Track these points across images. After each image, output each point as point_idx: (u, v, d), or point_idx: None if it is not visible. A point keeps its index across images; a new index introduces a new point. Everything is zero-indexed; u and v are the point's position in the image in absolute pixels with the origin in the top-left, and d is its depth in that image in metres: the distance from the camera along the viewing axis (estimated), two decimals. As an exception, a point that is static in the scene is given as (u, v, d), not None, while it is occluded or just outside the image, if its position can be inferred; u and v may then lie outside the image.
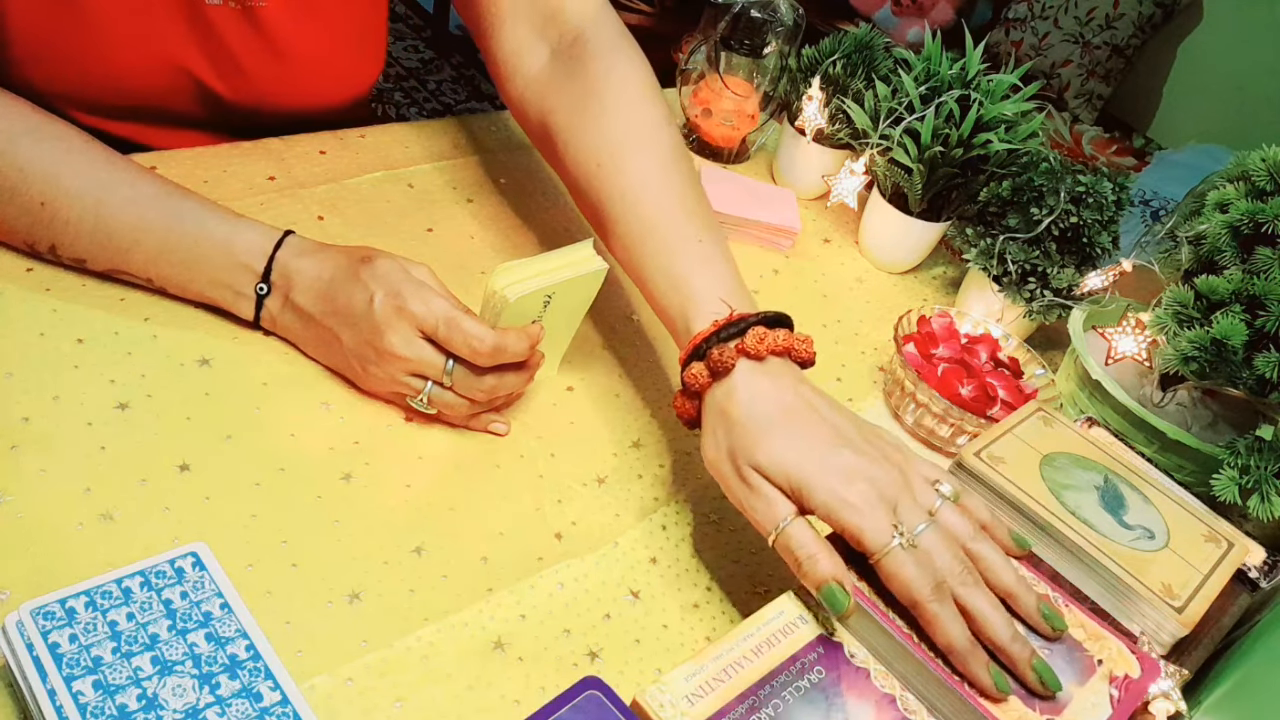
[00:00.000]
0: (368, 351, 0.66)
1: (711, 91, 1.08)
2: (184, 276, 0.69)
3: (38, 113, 0.69)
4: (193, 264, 0.69)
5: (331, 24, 0.86)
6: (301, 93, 0.88)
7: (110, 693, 0.48)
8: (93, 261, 0.69)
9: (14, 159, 0.66)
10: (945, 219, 1.01)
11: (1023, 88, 0.99)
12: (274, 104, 0.88)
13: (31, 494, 0.59)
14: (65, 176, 0.67)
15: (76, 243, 0.68)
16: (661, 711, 0.54)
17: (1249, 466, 0.71)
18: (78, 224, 0.67)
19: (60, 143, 0.68)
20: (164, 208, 0.68)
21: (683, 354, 0.64)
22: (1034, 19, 2.77)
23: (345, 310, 0.67)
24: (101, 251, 0.68)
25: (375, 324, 0.65)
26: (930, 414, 0.83)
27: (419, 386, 0.67)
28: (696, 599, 0.67)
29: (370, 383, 0.69)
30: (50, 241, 0.68)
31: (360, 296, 0.66)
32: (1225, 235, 0.78)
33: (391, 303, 0.65)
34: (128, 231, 0.67)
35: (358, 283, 0.66)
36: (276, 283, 0.69)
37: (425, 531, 0.65)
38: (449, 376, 0.66)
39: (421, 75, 3.13)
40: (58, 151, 0.67)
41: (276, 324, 0.71)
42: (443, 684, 0.57)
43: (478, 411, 0.70)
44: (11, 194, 0.66)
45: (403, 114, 2.88)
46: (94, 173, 0.67)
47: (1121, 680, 0.59)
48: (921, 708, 0.57)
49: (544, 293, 0.67)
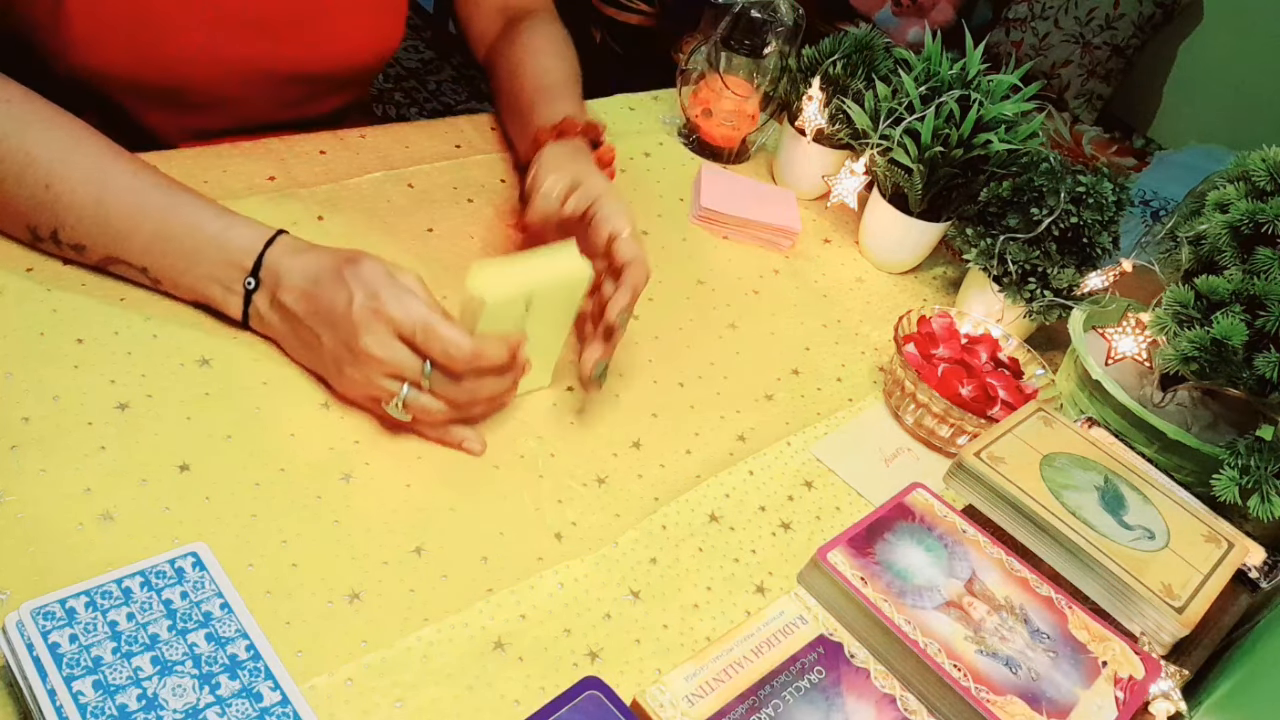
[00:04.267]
0: (344, 353, 0.67)
1: (711, 91, 1.08)
2: (177, 268, 0.70)
3: (49, 106, 0.71)
4: (186, 255, 0.69)
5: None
6: (336, 52, 0.92)
7: (110, 693, 0.48)
8: (92, 247, 0.70)
9: (22, 143, 0.68)
10: (945, 219, 1.01)
11: (1023, 88, 0.99)
12: (309, 67, 0.91)
13: (31, 494, 0.59)
14: (71, 162, 0.68)
15: (78, 227, 0.69)
16: (661, 711, 0.54)
17: (1249, 466, 0.71)
18: (80, 208, 0.68)
19: (68, 132, 0.70)
20: (162, 198, 0.69)
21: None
22: (1034, 19, 2.77)
23: (327, 311, 0.67)
24: (100, 237, 0.69)
25: (352, 325, 0.65)
26: (930, 414, 0.83)
27: (394, 389, 0.67)
28: (696, 599, 0.67)
29: (345, 385, 0.69)
30: (53, 225, 0.69)
31: (341, 297, 0.66)
32: (1225, 235, 0.78)
33: (369, 305, 0.65)
34: (126, 218, 0.69)
35: (340, 284, 0.66)
36: (265, 280, 0.69)
37: (425, 531, 0.65)
38: (426, 379, 0.66)
39: (421, 75, 3.13)
40: (65, 139, 0.69)
41: (264, 323, 0.71)
42: (443, 684, 0.57)
43: (453, 419, 0.70)
44: (19, 177, 0.68)
45: (403, 114, 2.87)
46: (98, 160, 0.69)
47: (1126, 682, 0.59)
48: (921, 708, 0.57)
49: (523, 296, 0.66)
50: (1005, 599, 0.63)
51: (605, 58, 2.75)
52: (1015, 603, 0.63)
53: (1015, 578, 0.65)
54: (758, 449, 0.79)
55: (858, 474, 0.79)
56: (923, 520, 0.68)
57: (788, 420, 0.83)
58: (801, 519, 0.75)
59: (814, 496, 0.77)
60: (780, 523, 0.74)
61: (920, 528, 0.67)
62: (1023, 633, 0.61)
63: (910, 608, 0.61)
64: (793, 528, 0.74)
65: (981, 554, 0.66)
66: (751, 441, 0.80)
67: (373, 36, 0.95)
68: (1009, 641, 0.61)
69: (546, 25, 1.03)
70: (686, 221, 1.02)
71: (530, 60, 0.97)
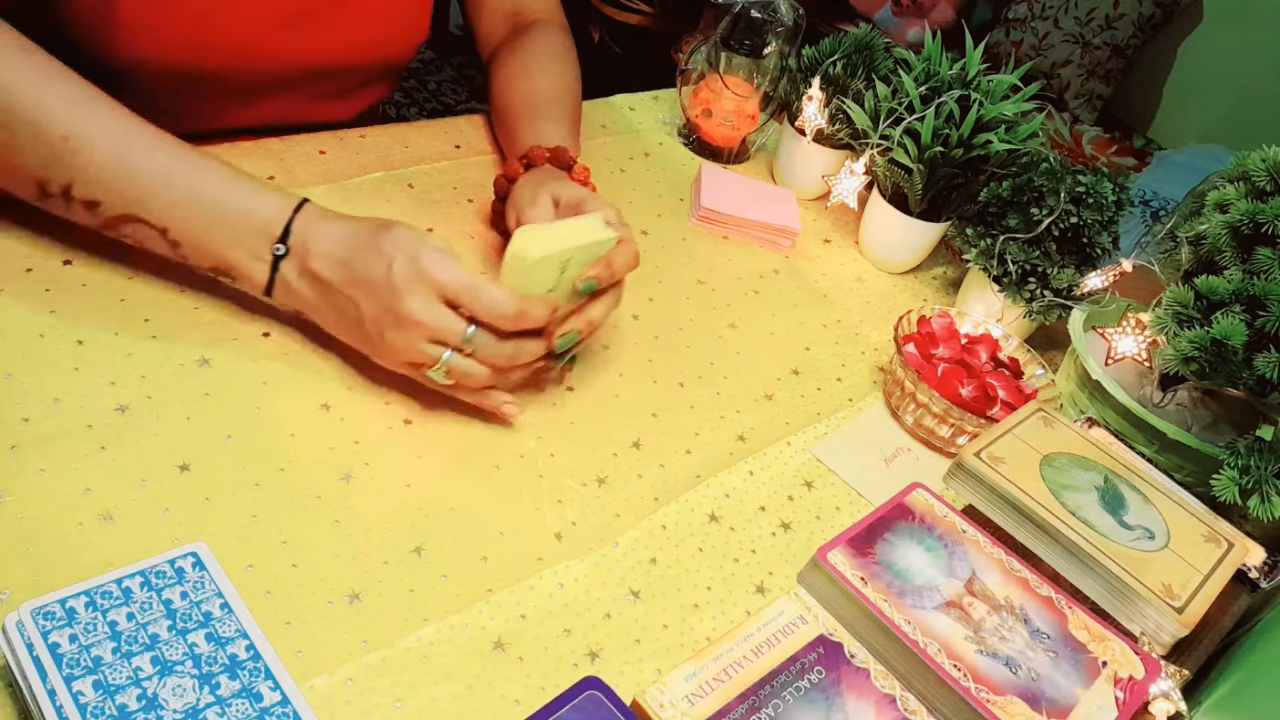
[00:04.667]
0: (386, 318, 0.66)
1: (711, 91, 1.08)
2: (201, 232, 0.68)
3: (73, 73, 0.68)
4: (212, 219, 0.68)
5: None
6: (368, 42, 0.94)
7: (110, 693, 0.48)
8: (108, 204, 0.67)
9: (41, 95, 0.66)
10: (945, 219, 1.01)
11: (1023, 88, 0.99)
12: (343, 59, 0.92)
13: (31, 494, 0.59)
14: (93, 117, 0.67)
15: (98, 180, 0.67)
16: (661, 711, 0.54)
17: (1249, 466, 0.71)
18: (100, 162, 0.66)
19: (91, 92, 0.68)
20: (189, 160, 0.68)
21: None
22: (1034, 19, 2.77)
23: (364, 278, 0.66)
24: (120, 194, 0.67)
25: (395, 288, 0.65)
26: (930, 414, 0.83)
27: (437, 354, 0.66)
28: (696, 599, 0.67)
29: (386, 353, 0.68)
30: (67, 179, 0.67)
31: (379, 263, 0.66)
32: (1225, 235, 0.78)
33: (411, 267, 0.65)
34: (150, 176, 0.67)
35: (376, 250, 0.66)
36: (294, 248, 0.68)
37: (425, 531, 0.65)
38: (469, 343, 0.66)
39: (421, 75, 3.13)
40: (87, 96, 0.67)
41: (291, 292, 0.69)
42: (443, 684, 0.57)
43: (492, 385, 0.70)
44: (33, 127, 0.65)
45: (403, 114, 2.87)
46: (121, 118, 0.68)
47: (1126, 682, 0.59)
48: (921, 708, 0.57)
49: (563, 255, 0.67)
50: (1005, 599, 0.63)
51: (605, 58, 2.75)
52: (1015, 603, 0.63)
53: (1015, 578, 0.65)
54: (758, 449, 0.79)
55: (858, 474, 0.80)
56: (923, 520, 0.68)
57: (788, 420, 0.83)
58: (801, 519, 0.75)
59: (814, 496, 0.77)
60: (780, 523, 0.74)
61: (920, 528, 0.67)
62: (1023, 633, 0.61)
63: (910, 608, 0.61)
64: (793, 528, 0.74)
65: (981, 554, 0.66)
66: (751, 441, 0.80)
67: (402, 27, 0.96)
68: (1009, 641, 0.61)
69: (551, 38, 1.02)
70: (686, 221, 1.02)
71: (525, 76, 0.97)
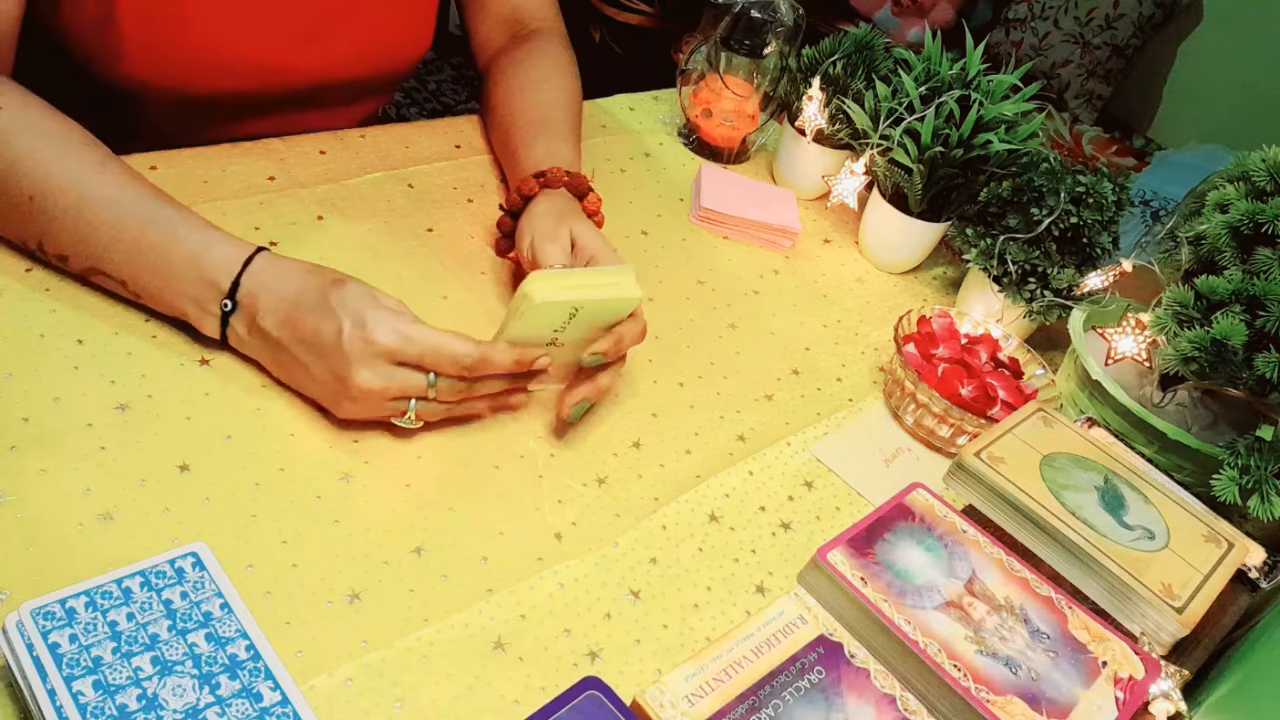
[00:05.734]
0: (339, 387, 0.65)
1: (712, 91, 1.08)
2: (155, 283, 0.68)
3: (43, 110, 0.70)
4: (160, 271, 0.67)
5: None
6: (373, 55, 0.95)
7: (110, 693, 0.48)
8: (74, 258, 0.69)
9: (5, 152, 0.67)
10: (945, 219, 1.01)
11: (1023, 88, 0.99)
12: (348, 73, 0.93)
13: (31, 494, 0.59)
14: (54, 174, 0.67)
15: (60, 237, 0.68)
16: (661, 711, 0.54)
17: (1249, 466, 0.71)
18: (61, 219, 0.67)
19: (55, 141, 0.69)
20: (142, 211, 0.68)
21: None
22: (1034, 19, 2.77)
23: (313, 339, 0.65)
24: (81, 248, 0.68)
25: (346, 357, 0.64)
26: (930, 414, 0.83)
27: (403, 408, 0.67)
28: (696, 599, 0.67)
29: (344, 413, 0.68)
30: (38, 237, 0.69)
31: (328, 325, 0.64)
32: (1225, 235, 0.78)
33: (359, 334, 0.63)
34: (105, 230, 0.67)
35: (325, 309, 0.65)
36: (243, 301, 0.67)
37: (425, 531, 0.65)
38: (432, 390, 0.66)
39: (421, 75, 3.12)
40: (50, 149, 0.68)
41: (245, 344, 0.69)
42: (443, 684, 0.57)
43: (461, 415, 0.70)
44: (4, 187, 0.67)
45: (403, 114, 2.87)
46: (81, 172, 0.68)
47: (1126, 682, 0.59)
48: (921, 708, 0.57)
49: (571, 304, 0.66)
50: (1005, 599, 0.63)
51: (605, 58, 2.75)
52: (1015, 603, 0.63)
53: (1015, 578, 0.65)
54: (758, 449, 0.79)
55: (858, 474, 0.80)
56: (923, 520, 0.68)
57: (788, 420, 0.83)
58: (801, 519, 0.75)
59: (814, 496, 0.77)
60: (780, 523, 0.74)
61: (920, 528, 0.67)
62: (1023, 633, 0.61)
63: (910, 608, 0.61)
64: (793, 528, 0.74)
65: (981, 554, 0.66)
66: (751, 441, 0.80)
67: (408, 37, 0.97)
68: (1009, 641, 0.61)
69: (552, 51, 1.01)
70: (686, 221, 1.02)
71: (532, 90, 0.96)
